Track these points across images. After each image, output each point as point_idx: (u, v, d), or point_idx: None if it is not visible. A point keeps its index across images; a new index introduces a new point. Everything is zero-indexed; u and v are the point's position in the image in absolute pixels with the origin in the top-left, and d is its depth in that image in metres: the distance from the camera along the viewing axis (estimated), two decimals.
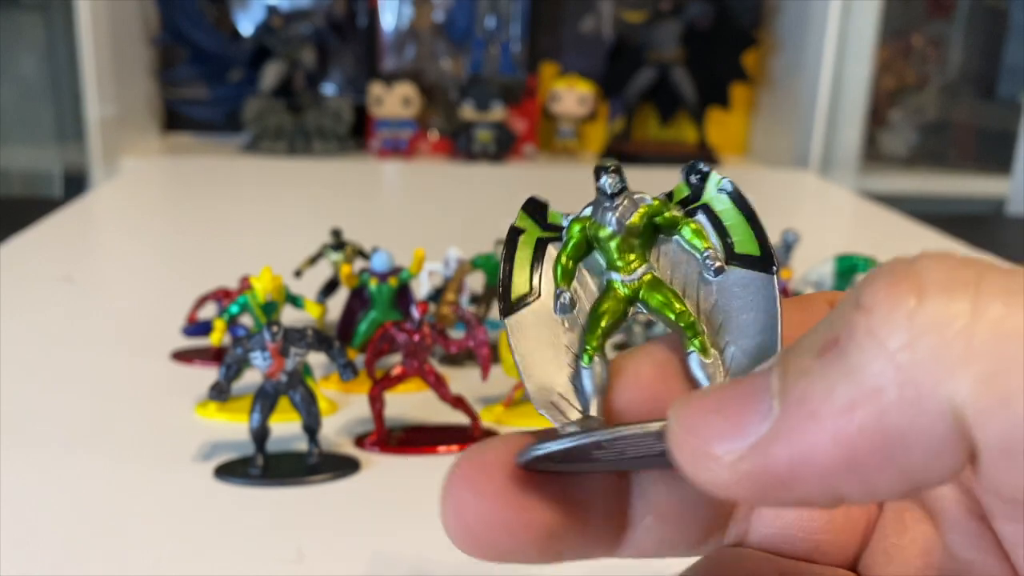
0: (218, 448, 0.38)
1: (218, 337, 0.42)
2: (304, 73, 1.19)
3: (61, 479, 0.36)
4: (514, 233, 0.18)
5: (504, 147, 1.17)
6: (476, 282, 0.54)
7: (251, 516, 0.34)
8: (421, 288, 0.53)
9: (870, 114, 1.24)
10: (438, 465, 0.38)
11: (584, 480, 0.16)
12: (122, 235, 0.81)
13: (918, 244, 0.78)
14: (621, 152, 1.22)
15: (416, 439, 0.40)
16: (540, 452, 0.15)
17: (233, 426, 0.40)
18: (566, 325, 0.17)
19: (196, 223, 0.82)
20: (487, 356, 0.40)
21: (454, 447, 0.39)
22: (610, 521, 0.16)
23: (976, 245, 0.74)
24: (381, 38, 1.23)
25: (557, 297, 0.17)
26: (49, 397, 0.43)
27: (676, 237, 0.18)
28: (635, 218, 0.17)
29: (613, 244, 0.17)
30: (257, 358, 0.36)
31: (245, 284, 0.44)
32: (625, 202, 0.17)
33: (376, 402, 0.39)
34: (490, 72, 1.24)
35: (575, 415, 0.16)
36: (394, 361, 0.40)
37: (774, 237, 0.54)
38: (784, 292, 0.52)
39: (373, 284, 0.46)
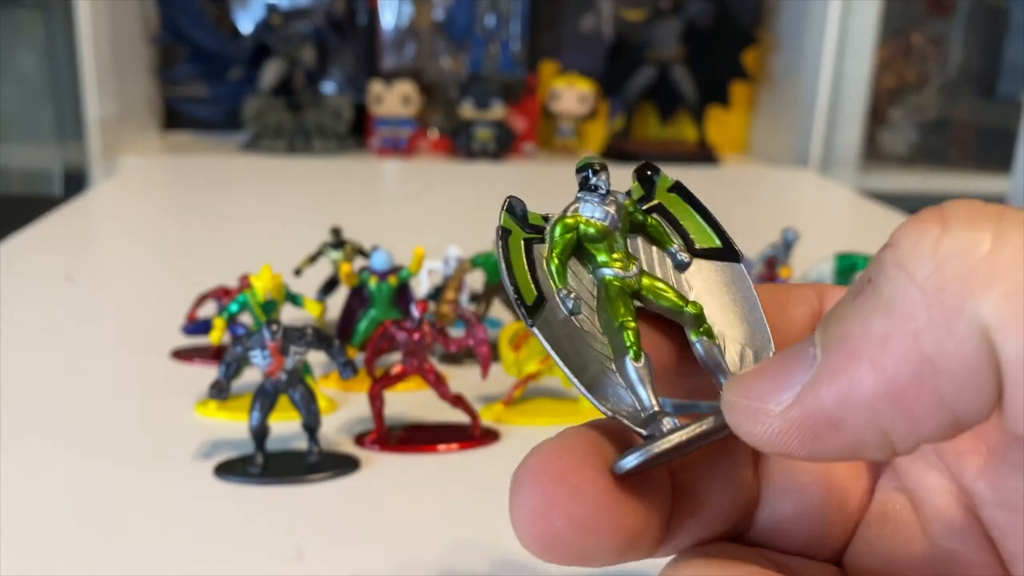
0: (218, 446, 0.38)
1: (218, 336, 0.42)
2: (304, 71, 1.19)
3: (61, 478, 0.36)
4: (505, 234, 0.17)
5: (504, 145, 1.17)
6: (476, 280, 0.54)
7: (251, 515, 0.34)
8: (421, 286, 0.53)
9: (870, 113, 1.24)
10: (438, 463, 0.38)
11: (650, 484, 0.16)
12: (122, 233, 0.81)
13: None
14: (621, 150, 1.22)
15: (416, 437, 0.40)
16: (643, 459, 0.15)
17: (233, 425, 0.40)
18: (577, 323, 0.17)
19: (196, 221, 0.83)
20: (487, 355, 0.40)
21: (454, 445, 0.39)
22: (664, 522, 0.16)
23: None
24: (381, 36, 1.23)
25: (563, 300, 0.17)
26: (48, 395, 0.43)
27: (641, 233, 0.18)
28: (623, 215, 0.18)
29: (604, 243, 0.17)
30: (257, 356, 0.36)
31: (245, 282, 0.44)
32: (614, 199, 0.18)
33: (376, 400, 0.39)
34: (490, 70, 1.24)
35: (639, 413, 0.16)
36: (394, 360, 0.40)
37: (775, 235, 0.54)
38: None
39: (373, 282, 0.46)
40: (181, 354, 0.48)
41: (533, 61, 1.24)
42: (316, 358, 0.44)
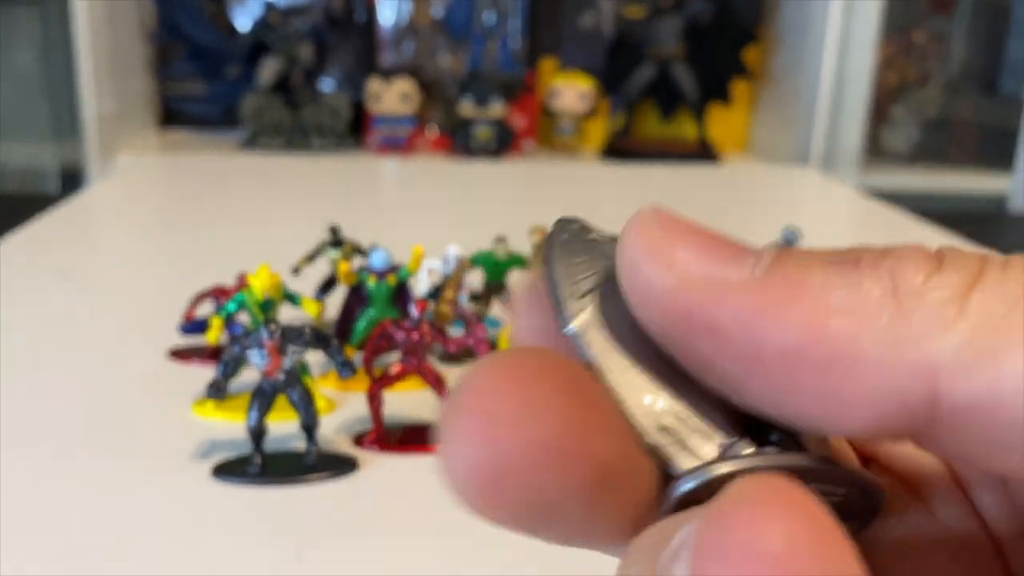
0: (216, 447, 0.38)
1: (215, 335, 0.42)
2: (302, 69, 1.19)
3: (57, 478, 0.36)
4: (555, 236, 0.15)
5: (504, 143, 1.16)
6: (475, 280, 0.53)
7: (249, 515, 0.34)
8: (420, 286, 0.53)
9: (872, 111, 1.24)
10: (437, 464, 0.38)
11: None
12: (119, 232, 0.81)
13: (919, 240, 0.78)
14: (621, 148, 1.22)
15: (415, 438, 0.40)
16: (701, 479, 0.11)
17: (231, 425, 0.40)
18: None
19: (193, 220, 0.82)
20: (486, 354, 0.40)
21: None
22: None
23: (978, 241, 0.74)
24: (379, 34, 1.22)
25: None
26: (45, 395, 0.43)
27: None
28: None
29: None
30: (255, 356, 0.36)
31: (242, 282, 0.44)
32: None
33: (374, 400, 0.39)
34: (489, 68, 1.23)
35: (708, 446, 0.12)
36: (393, 359, 0.40)
37: (776, 234, 0.54)
38: None
39: (371, 282, 0.46)
40: (178, 353, 0.48)
41: (533, 59, 1.24)
42: (314, 358, 0.44)
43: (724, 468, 0.11)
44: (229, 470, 0.36)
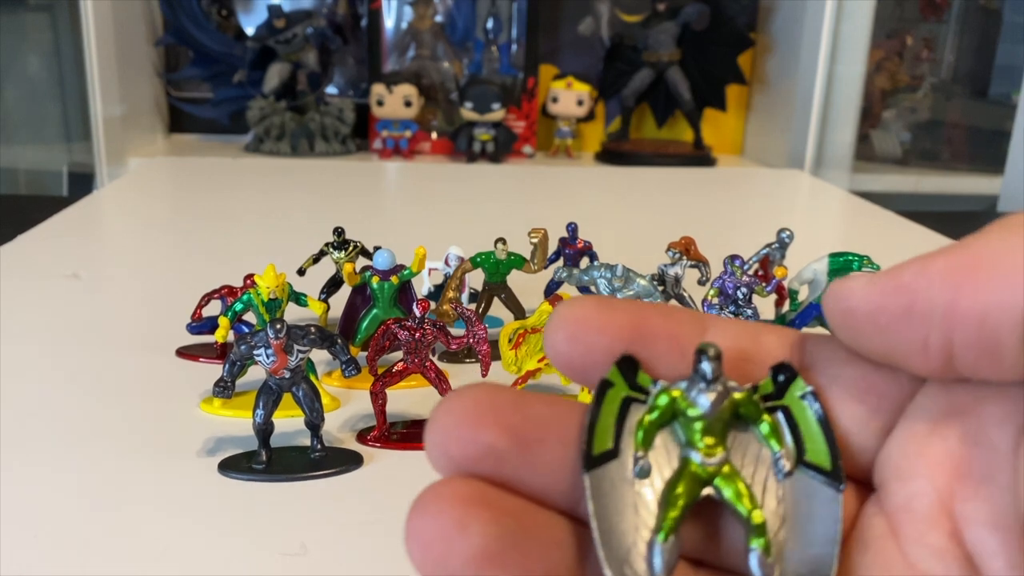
0: (222, 443, 0.39)
1: (222, 334, 0.43)
2: (307, 74, 1.20)
3: (67, 473, 0.36)
4: (604, 386, 0.18)
5: (503, 147, 1.17)
6: (476, 280, 0.54)
7: (255, 510, 0.34)
8: (422, 286, 0.54)
9: (863, 114, 1.25)
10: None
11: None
12: (128, 233, 0.82)
13: (910, 241, 0.79)
14: (618, 152, 1.23)
15: (417, 434, 0.41)
16: None
17: (237, 422, 0.41)
18: (638, 487, 0.17)
19: (201, 222, 0.83)
20: (487, 352, 0.40)
21: None
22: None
23: None
24: (383, 39, 1.23)
25: (636, 461, 0.17)
26: (55, 392, 0.44)
27: (753, 428, 0.18)
28: (726, 405, 0.18)
29: (698, 425, 0.18)
30: (261, 355, 0.36)
31: (249, 282, 0.45)
32: (719, 388, 0.18)
33: (378, 398, 0.40)
34: (490, 73, 1.24)
35: None
36: (396, 358, 0.41)
37: (769, 235, 0.55)
38: (779, 290, 0.52)
39: (375, 282, 0.47)
40: (185, 352, 0.49)
41: (532, 64, 1.25)
42: (319, 356, 0.45)
43: None
44: (234, 466, 0.37)
